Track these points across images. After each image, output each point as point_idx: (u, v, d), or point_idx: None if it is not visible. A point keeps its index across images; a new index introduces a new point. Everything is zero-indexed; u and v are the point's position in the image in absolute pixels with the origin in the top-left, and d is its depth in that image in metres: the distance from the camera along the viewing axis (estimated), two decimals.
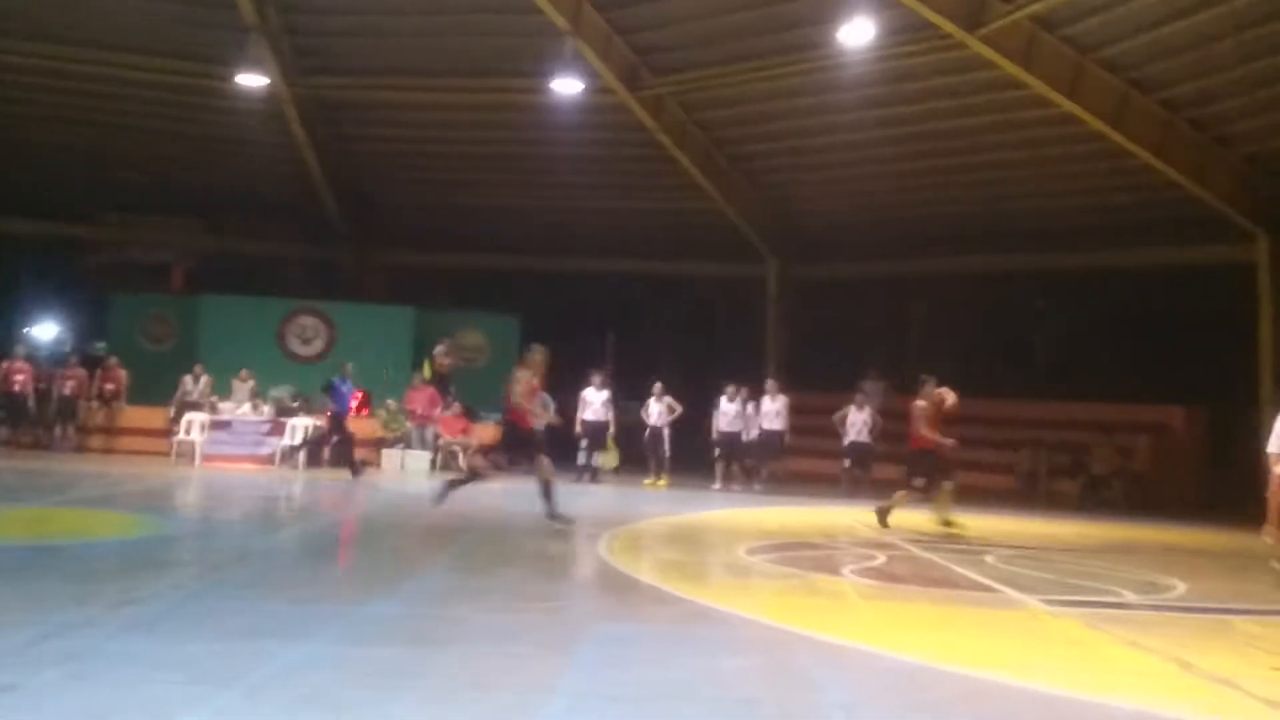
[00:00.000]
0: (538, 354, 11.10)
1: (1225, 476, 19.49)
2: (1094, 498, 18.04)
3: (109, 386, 19.46)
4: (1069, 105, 16.73)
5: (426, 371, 19.65)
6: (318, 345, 21.65)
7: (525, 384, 10.76)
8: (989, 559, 9.93)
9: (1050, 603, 7.60)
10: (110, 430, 19.36)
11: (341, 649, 5.27)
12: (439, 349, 20.05)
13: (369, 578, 7.72)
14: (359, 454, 17.46)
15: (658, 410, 17.93)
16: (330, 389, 17.30)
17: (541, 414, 11.18)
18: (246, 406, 19.00)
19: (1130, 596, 8.16)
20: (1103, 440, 18.81)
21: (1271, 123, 16.41)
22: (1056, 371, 23.01)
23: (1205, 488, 18.91)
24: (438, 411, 19.04)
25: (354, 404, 18.21)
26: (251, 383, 19.42)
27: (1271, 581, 9.32)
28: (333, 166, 22.70)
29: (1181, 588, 8.74)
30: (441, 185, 23.47)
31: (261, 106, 20.39)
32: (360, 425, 19.63)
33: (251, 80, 18.98)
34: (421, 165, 23.18)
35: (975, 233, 21.27)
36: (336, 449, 17.39)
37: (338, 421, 17.30)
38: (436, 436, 18.94)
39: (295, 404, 19.18)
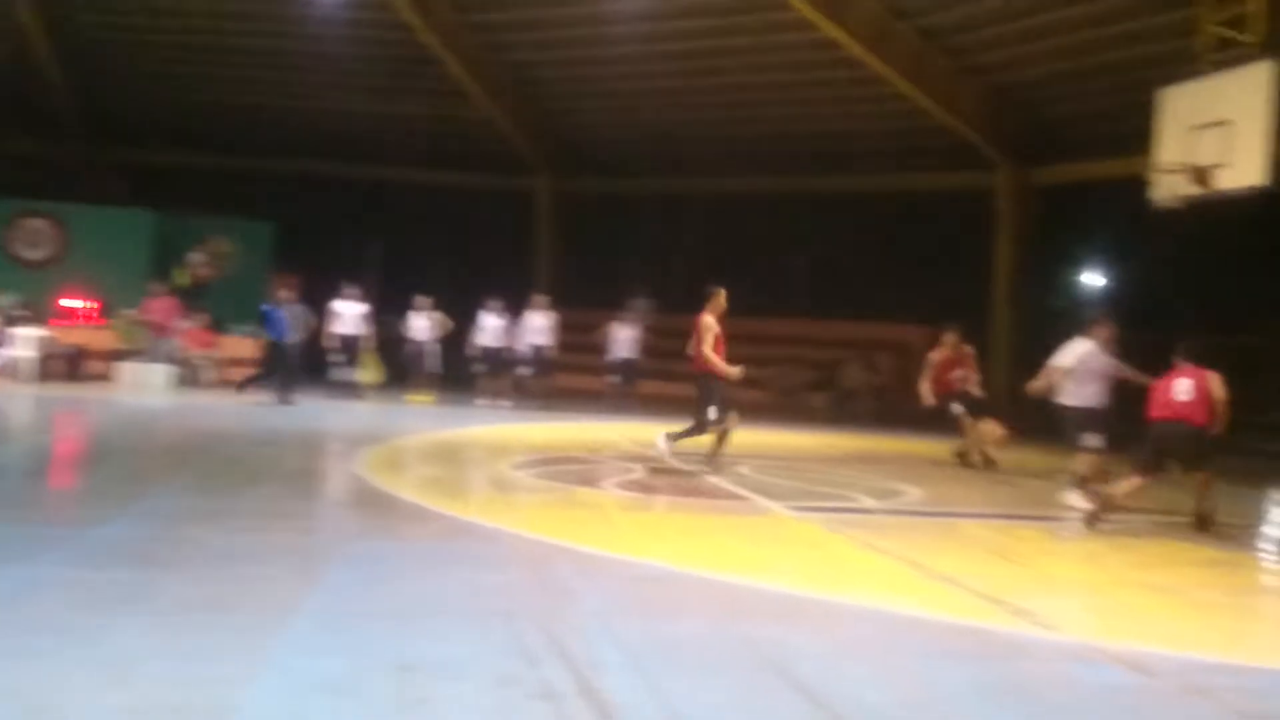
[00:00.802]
0: (721, 295, 10.34)
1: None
2: (843, 411, 19.02)
3: None
4: (832, 30, 17.20)
5: (184, 280, 18.56)
6: (47, 250, 19.96)
7: (715, 335, 10.13)
8: (743, 469, 10.31)
9: (795, 509, 7.97)
10: None
11: (68, 571, 4.92)
12: (197, 257, 18.92)
13: (100, 498, 7.23)
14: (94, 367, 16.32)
15: (423, 325, 17.53)
16: (265, 317, 15.77)
17: (719, 364, 10.26)
18: None
19: (869, 502, 8.65)
20: (852, 357, 19.81)
21: (1020, 54, 17.39)
22: (812, 291, 23.95)
23: (939, 400, 20.22)
24: (180, 323, 17.99)
25: (293, 331, 16.34)
26: None
27: (992, 488, 10.10)
28: (63, 54, 20.78)
29: (915, 494, 9.35)
30: (188, 79, 21.93)
31: None
32: (95, 336, 18.39)
33: None
34: (166, 57, 21.55)
35: (741, 153, 21.76)
36: (281, 380, 15.43)
37: (279, 352, 15.56)
38: (180, 349, 17.93)
39: (23, 313, 17.70)
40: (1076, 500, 9.00)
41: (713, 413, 10.06)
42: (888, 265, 22.42)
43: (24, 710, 3.17)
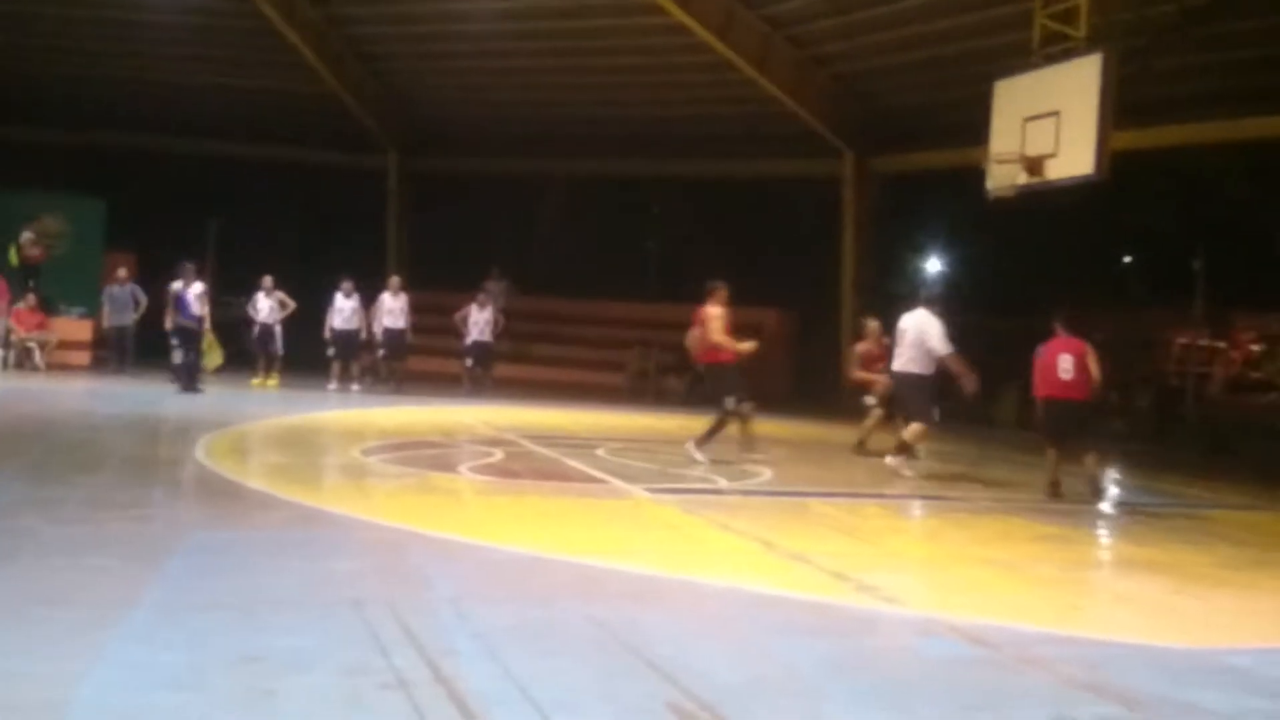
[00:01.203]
0: (723, 290, 10.26)
1: (810, 373, 21.45)
2: (697, 393, 19.20)
3: None
4: (680, 15, 17.32)
5: (13, 259, 17.55)
6: None
7: (721, 320, 10.02)
8: (599, 452, 10.35)
9: (653, 491, 8.04)
10: None
11: None
12: (25, 236, 17.93)
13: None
14: None
15: (268, 306, 16.98)
16: (178, 300, 14.88)
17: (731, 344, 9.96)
18: None
19: (724, 483, 8.79)
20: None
21: (862, 45, 17.82)
22: (667, 274, 24.17)
23: (794, 384, 20.73)
24: (8, 304, 17.04)
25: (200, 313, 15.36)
26: None
27: (841, 469, 10.38)
28: None
29: (768, 474, 9.54)
30: (11, 49, 20.65)
31: None
32: None
33: None
34: None
35: (596, 135, 21.75)
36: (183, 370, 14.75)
37: (187, 335, 14.85)
38: (9, 331, 16.98)
39: None
40: (900, 466, 9.61)
41: (730, 402, 10.02)
42: (741, 250, 22.77)
43: None
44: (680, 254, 24.36)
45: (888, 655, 4.29)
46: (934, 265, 29.07)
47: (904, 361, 9.96)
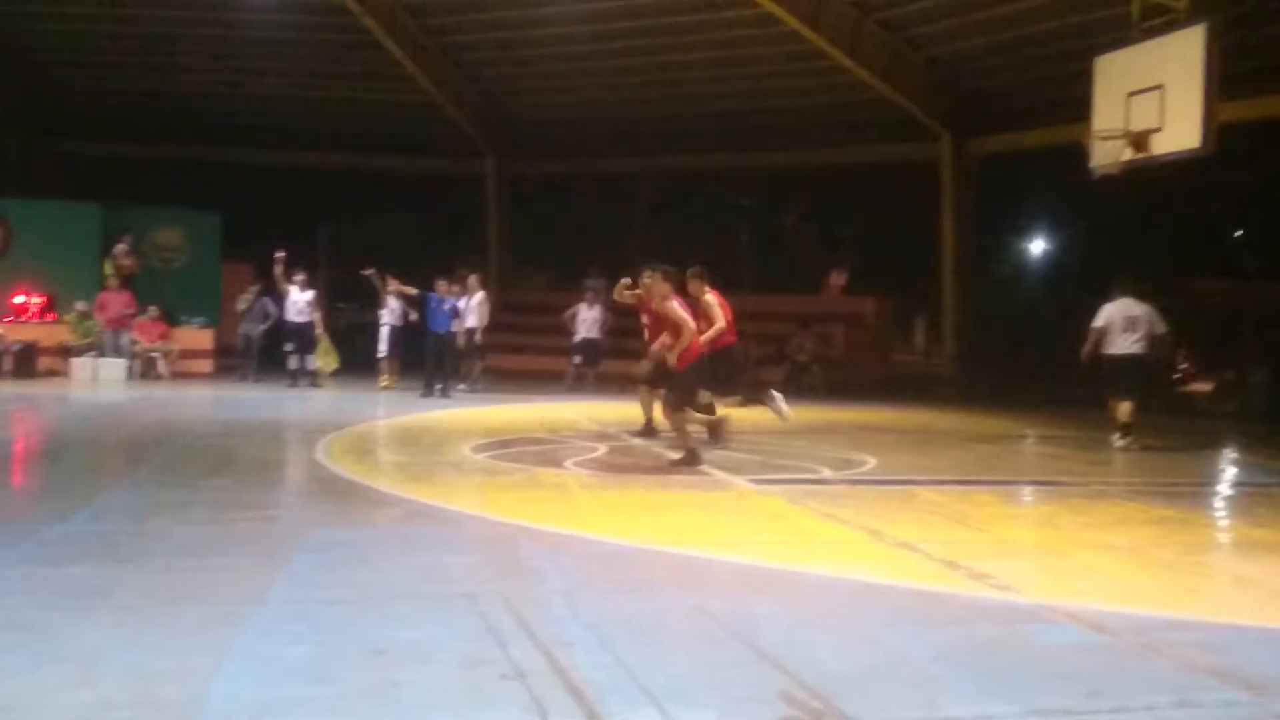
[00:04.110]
0: (703, 273, 10.55)
1: (909, 361, 21.22)
2: (796, 384, 19.13)
3: None
4: (769, 4, 17.24)
5: (108, 270, 18.29)
6: None
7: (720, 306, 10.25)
8: (702, 445, 10.35)
9: (756, 482, 8.05)
10: None
11: (30, 569, 4.89)
12: (120, 248, 18.67)
13: (59, 494, 7.16)
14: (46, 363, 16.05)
15: (391, 308, 17.20)
16: (424, 303, 15.72)
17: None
18: None
19: (828, 473, 8.75)
20: (803, 330, 19.92)
21: (956, 26, 17.52)
22: (760, 266, 24.11)
23: (893, 371, 20.52)
24: (133, 315, 17.79)
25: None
26: None
27: (948, 455, 10.26)
28: None
29: (872, 462, 9.46)
30: (125, 68, 21.52)
31: None
32: (47, 332, 18.13)
33: None
34: (99, 46, 21.12)
35: (686, 130, 21.75)
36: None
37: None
38: (133, 342, 17.72)
39: None
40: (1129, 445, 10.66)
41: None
42: (836, 238, 22.60)
43: None
44: (774, 246, 24.27)
45: (1003, 643, 4.23)
46: (1037, 246, 28.46)
47: (1131, 344, 10.93)
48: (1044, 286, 27.00)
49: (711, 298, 10.56)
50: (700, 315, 10.33)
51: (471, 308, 16.81)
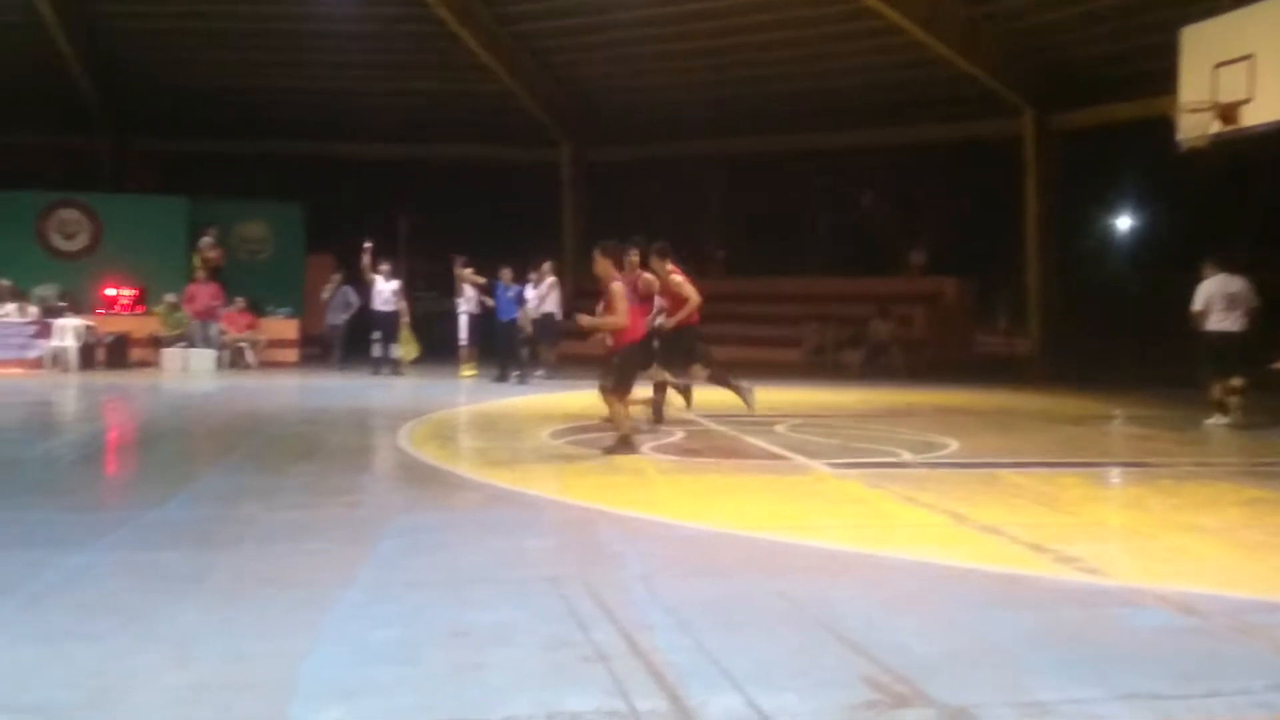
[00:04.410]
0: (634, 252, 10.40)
1: (992, 342, 20.88)
2: (876, 366, 18.96)
3: None
4: None
5: (196, 263, 18.74)
6: (82, 240, 20.17)
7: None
8: (779, 429, 10.33)
9: (835, 465, 7.99)
10: None
11: (126, 554, 5.05)
12: (205, 241, 19.11)
13: (152, 482, 7.38)
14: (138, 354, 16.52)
15: (467, 296, 17.43)
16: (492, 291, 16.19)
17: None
18: (10, 307, 17.66)
19: (908, 456, 8.65)
20: (883, 312, 19.72)
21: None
22: (839, 247, 23.89)
23: (974, 352, 20.21)
24: (221, 307, 18.23)
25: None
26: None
27: (1032, 437, 10.07)
28: (86, 47, 20.92)
29: (954, 445, 9.34)
30: (208, 65, 22.01)
31: None
32: (137, 324, 18.67)
33: None
34: (184, 44, 21.64)
35: (758, 114, 21.61)
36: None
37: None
38: (221, 333, 18.16)
39: (62, 303, 17.96)
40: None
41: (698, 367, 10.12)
42: (916, 217, 22.30)
43: (90, 692, 3.26)
44: (853, 225, 24.04)
45: (1092, 627, 4.15)
46: (1123, 222, 27.78)
47: (1232, 321, 10.83)
48: (1131, 263, 26.38)
49: (679, 276, 10.33)
50: (668, 294, 10.25)
51: (543, 293, 16.87)
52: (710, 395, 12.62)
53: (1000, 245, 21.29)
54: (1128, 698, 3.34)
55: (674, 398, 10.85)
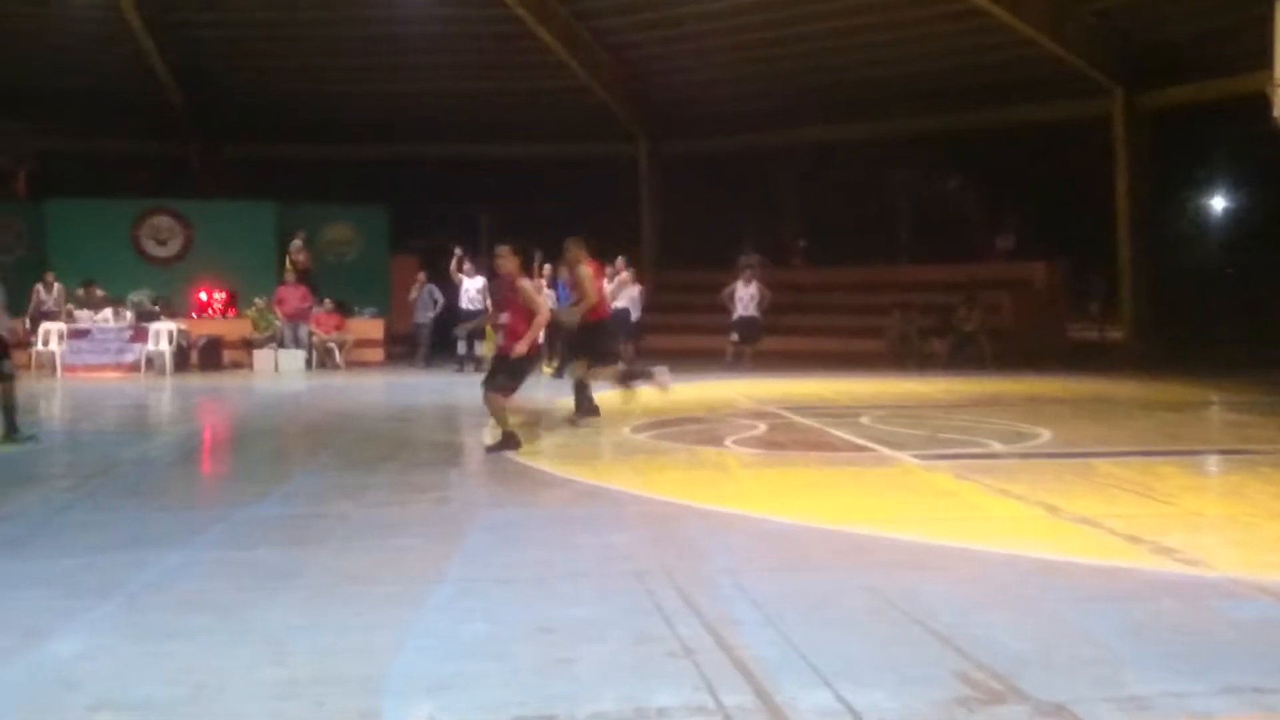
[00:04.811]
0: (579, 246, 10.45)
1: (1084, 328, 20.40)
2: (962, 355, 18.63)
3: None
4: None
5: (288, 266, 19.13)
6: (175, 246, 20.74)
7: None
8: (863, 420, 10.22)
9: (922, 457, 7.87)
10: None
11: (220, 553, 5.17)
12: (294, 244, 19.50)
13: (245, 481, 7.55)
14: (229, 356, 16.93)
15: (548, 294, 17.56)
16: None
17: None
18: (107, 313, 18.23)
19: (998, 446, 8.49)
20: (969, 299, 19.35)
21: None
22: (921, 235, 23.55)
23: (1066, 339, 19.77)
24: (310, 308, 18.62)
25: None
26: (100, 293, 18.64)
27: (1128, 425, 9.81)
28: (175, 56, 21.49)
29: (1046, 435, 9.14)
30: (291, 72, 22.45)
31: None
32: (229, 326, 19.13)
33: None
34: (267, 51, 22.11)
35: (837, 101, 21.36)
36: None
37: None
38: (310, 334, 18.54)
39: (156, 307, 18.49)
40: None
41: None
42: (1001, 203, 21.89)
43: (189, 689, 3.34)
44: (934, 213, 23.68)
45: (1190, 619, 4.03)
46: (1217, 203, 26.95)
47: None
48: (1225, 245, 25.60)
49: (587, 269, 10.20)
50: (573, 286, 10.15)
51: (614, 290, 16.93)
52: (791, 388, 12.55)
53: (1090, 229, 20.78)
54: (1229, 691, 3.23)
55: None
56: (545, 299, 8.58)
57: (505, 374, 8.55)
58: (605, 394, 10.61)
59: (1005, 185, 23.02)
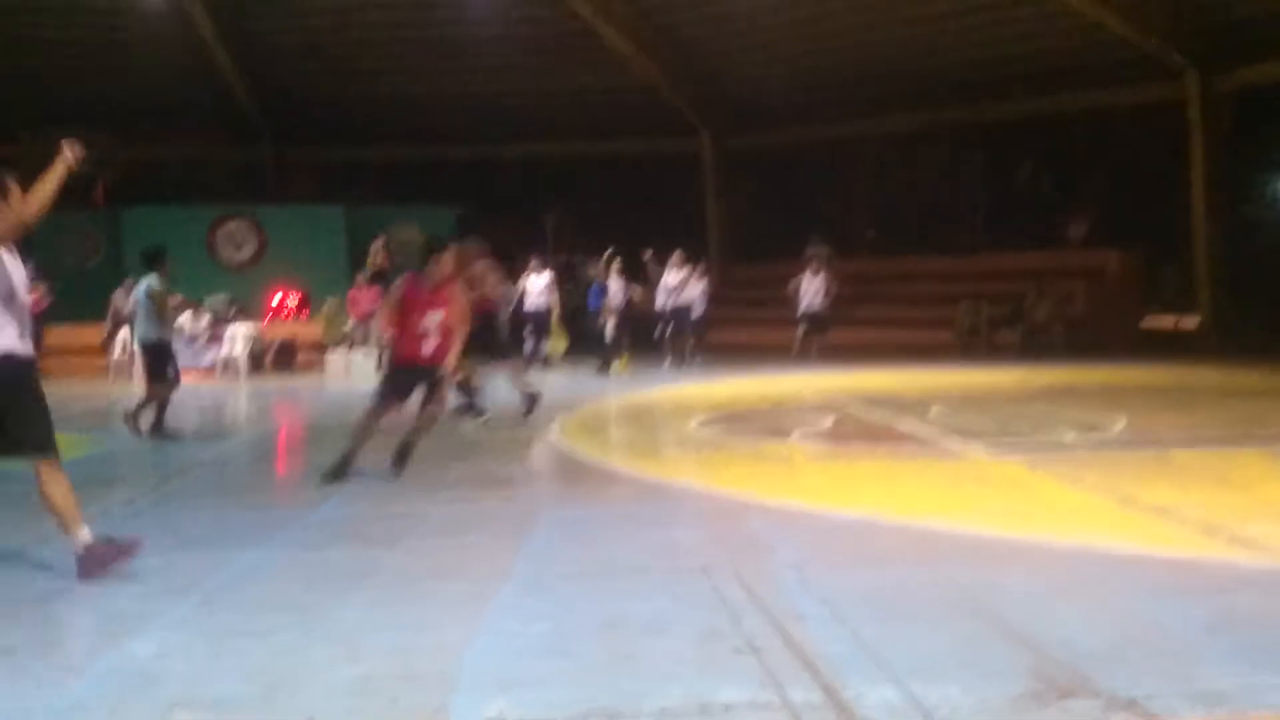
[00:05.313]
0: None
1: (1160, 316, 19.91)
2: (1034, 345, 18.32)
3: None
4: None
5: (369, 266, 19.37)
6: (249, 251, 21.15)
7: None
8: (933, 412, 10.10)
9: (992, 448, 7.77)
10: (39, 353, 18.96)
11: (295, 552, 5.27)
12: (374, 245, 19.73)
13: (317, 481, 7.66)
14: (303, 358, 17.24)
15: (614, 291, 17.58)
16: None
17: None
18: (185, 316, 18.63)
19: (1071, 436, 8.35)
20: (1041, 288, 19.03)
21: None
22: (992, 224, 23.17)
23: (1141, 328, 19.34)
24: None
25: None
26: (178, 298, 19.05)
27: (1206, 413, 9.58)
28: (245, 63, 21.92)
29: (1121, 424, 8.96)
30: (360, 75, 22.76)
31: (165, 4, 19.68)
32: (303, 329, 19.45)
33: None
34: (336, 56, 22.43)
35: (905, 90, 21.09)
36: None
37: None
38: (383, 336, 18.77)
39: (232, 312, 18.86)
40: None
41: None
42: (1075, 189, 21.47)
43: (264, 687, 3.41)
44: (1006, 202, 23.28)
45: (1269, 612, 3.93)
46: None
47: None
48: None
49: (482, 266, 10.48)
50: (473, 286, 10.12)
51: (675, 285, 16.96)
52: (859, 380, 12.44)
53: (1166, 214, 20.28)
54: None
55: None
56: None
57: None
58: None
59: (1079, 171, 22.54)
